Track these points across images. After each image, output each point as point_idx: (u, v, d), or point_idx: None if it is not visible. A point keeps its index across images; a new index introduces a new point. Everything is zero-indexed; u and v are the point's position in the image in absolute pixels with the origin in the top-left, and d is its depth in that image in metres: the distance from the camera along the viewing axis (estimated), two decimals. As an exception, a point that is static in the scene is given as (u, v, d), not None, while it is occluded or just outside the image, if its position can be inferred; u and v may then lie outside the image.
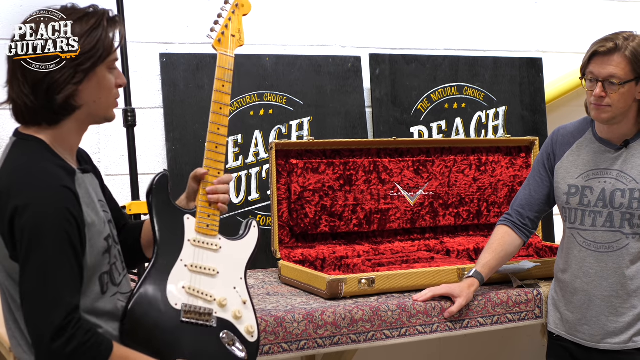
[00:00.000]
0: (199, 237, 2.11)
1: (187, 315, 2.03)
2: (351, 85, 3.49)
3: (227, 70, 2.19)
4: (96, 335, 1.82)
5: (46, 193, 1.80)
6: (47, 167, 1.84)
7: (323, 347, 2.47)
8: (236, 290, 2.12)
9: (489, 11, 3.86)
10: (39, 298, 1.78)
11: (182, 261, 2.07)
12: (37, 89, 1.83)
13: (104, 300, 1.93)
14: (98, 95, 1.91)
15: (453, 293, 2.63)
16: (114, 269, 1.98)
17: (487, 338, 3.77)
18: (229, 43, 2.20)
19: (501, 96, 3.72)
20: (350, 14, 3.61)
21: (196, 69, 3.24)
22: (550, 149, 2.69)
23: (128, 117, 2.85)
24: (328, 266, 3.03)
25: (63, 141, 1.92)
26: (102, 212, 1.98)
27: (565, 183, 2.62)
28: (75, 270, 1.81)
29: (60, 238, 1.78)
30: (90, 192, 1.96)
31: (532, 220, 2.72)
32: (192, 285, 2.06)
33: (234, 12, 2.20)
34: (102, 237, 1.92)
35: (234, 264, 2.14)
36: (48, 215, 1.78)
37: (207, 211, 2.13)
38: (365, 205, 3.18)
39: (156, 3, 3.27)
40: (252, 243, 2.20)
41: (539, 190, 2.70)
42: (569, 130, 2.67)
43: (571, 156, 2.63)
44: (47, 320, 1.77)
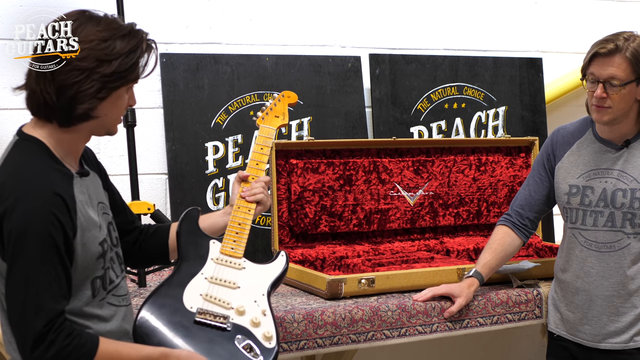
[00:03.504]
0: (223, 257, 2.14)
1: (202, 315, 2.02)
2: (351, 85, 3.49)
3: (267, 139, 2.34)
4: (78, 337, 1.81)
5: (34, 198, 1.79)
6: (41, 171, 1.83)
7: (323, 347, 2.47)
8: (256, 303, 2.10)
9: (489, 11, 3.86)
10: (21, 304, 1.78)
11: (203, 274, 2.10)
12: (62, 93, 1.83)
13: (93, 303, 1.92)
14: (111, 111, 1.92)
15: (453, 293, 2.63)
16: (108, 273, 1.97)
17: (487, 338, 3.77)
18: (272, 120, 2.38)
19: (501, 96, 3.72)
20: (350, 14, 3.60)
21: (196, 69, 3.24)
22: (550, 149, 2.68)
23: (128, 117, 2.85)
24: (328, 266, 3.03)
25: (67, 145, 1.91)
26: (102, 214, 1.98)
27: (566, 183, 2.62)
28: (60, 276, 1.81)
29: (45, 244, 1.78)
30: (90, 194, 1.95)
31: (531, 220, 2.72)
32: (210, 293, 2.06)
33: (279, 100, 2.42)
34: (96, 242, 1.91)
35: (257, 281, 2.14)
36: (33, 220, 1.77)
37: (235, 229, 2.18)
38: (365, 205, 3.18)
39: (156, 3, 3.27)
40: (279, 268, 2.21)
41: (539, 191, 2.70)
42: (568, 131, 2.67)
43: (571, 156, 2.63)
44: (28, 325, 1.77)
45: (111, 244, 2.00)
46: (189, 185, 3.20)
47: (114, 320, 1.97)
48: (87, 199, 1.93)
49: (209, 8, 3.35)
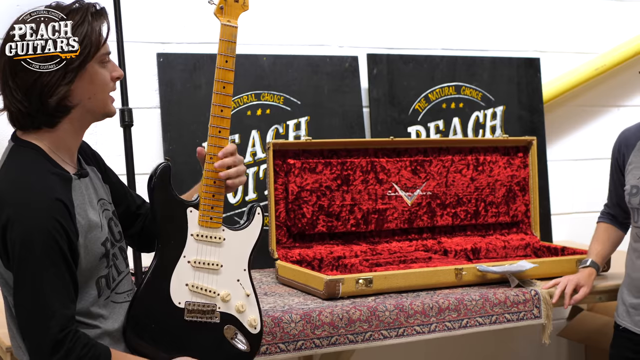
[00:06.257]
0: (202, 230, 2.08)
1: (191, 314, 2.04)
2: (348, 85, 3.49)
3: (231, 43, 2.02)
4: (94, 348, 1.82)
5: (35, 206, 1.78)
6: (40, 178, 1.82)
7: (320, 348, 2.47)
8: (240, 283, 2.11)
9: (487, 11, 3.86)
10: (33, 311, 1.78)
11: (185, 257, 2.06)
12: (30, 94, 1.81)
13: (99, 303, 1.93)
14: (92, 92, 1.89)
15: (579, 283, 2.78)
16: (112, 271, 1.97)
17: (484, 339, 3.76)
18: (232, 10, 2.03)
19: (499, 96, 3.72)
20: (348, 13, 3.60)
21: (193, 68, 3.24)
22: (617, 152, 2.78)
23: (125, 117, 2.83)
24: (325, 266, 3.02)
25: (61, 144, 1.90)
26: (103, 212, 1.97)
27: (629, 184, 2.69)
28: (67, 281, 1.81)
29: (50, 251, 1.77)
30: (90, 194, 1.95)
31: (623, 210, 2.83)
32: (196, 283, 2.06)
33: None
34: (99, 242, 1.91)
35: (237, 256, 2.12)
36: (37, 228, 1.76)
37: (211, 202, 2.09)
38: (363, 205, 3.17)
39: (153, 2, 3.26)
40: (256, 232, 2.16)
41: (617, 191, 2.82)
42: (632, 131, 2.76)
43: (635, 157, 2.70)
44: (43, 332, 1.77)
45: (113, 240, 1.99)
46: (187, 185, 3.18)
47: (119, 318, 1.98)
48: (87, 199, 1.92)
49: (206, 8, 3.34)
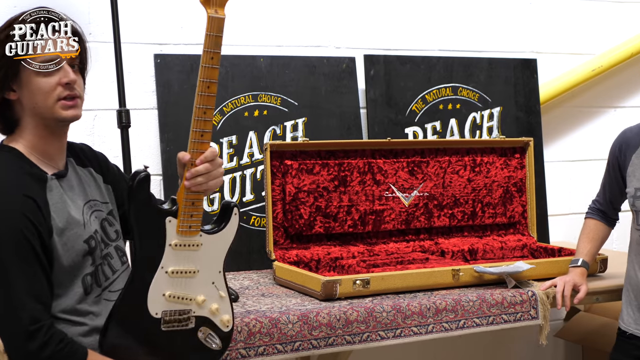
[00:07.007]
0: (181, 239, 2.02)
1: (167, 325, 2.02)
2: (346, 86, 3.49)
3: (217, 37, 1.92)
4: (70, 344, 1.84)
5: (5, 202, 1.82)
6: (13, 176, 1.86)
7: (318, 348, 2.47)
8: (214, 285, 2.09)
9: (484, 12, 3.86)
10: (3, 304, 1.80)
11: (163, 268, 2.01)
12: None
13: (87, 300, 1.93)
14: (34, 101, 1.90)
15: (576, 282, 2.79)
16: (101, 269, 1.97)
17: (481, 340, 3.76)
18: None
19: (496, 97, 3.72)
20: (345, 14, 3.60)
21: (190, 69, 3.24)
22: (618, 151, 2.76)
23: (122, 118, 2.83)
24: (323, 267, 3.02)
25: (34, 147, 1.94)
26: (93, 211, 1.98)
27: (632, 186, 2.68)
28: (38, 276, 1.83)
29: (19, 245, 1.80)
30: (73, 194, 1.96)
31: (614, 208, 2.88)
32: (172, 292, 2.03)
33: None
34: (80, 239, 1.92)
35: (213, 259, 2.10)
36: (7, 223, 1.80)
37: (190, 210, 2.00)
38: (360, 206, 3.18)
39: (150, 4, 3.26)
40: (232, 234, 2.12)
41: (612, 190, 2.83)
42: (634, 132, 2.74)
43: (638, 159, 2.69)
44: (14, 323, 1.79)
45: (107, 240, 2.00)
46: (184, 186, 3.19)
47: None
48: (67, 198, 1.94)
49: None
